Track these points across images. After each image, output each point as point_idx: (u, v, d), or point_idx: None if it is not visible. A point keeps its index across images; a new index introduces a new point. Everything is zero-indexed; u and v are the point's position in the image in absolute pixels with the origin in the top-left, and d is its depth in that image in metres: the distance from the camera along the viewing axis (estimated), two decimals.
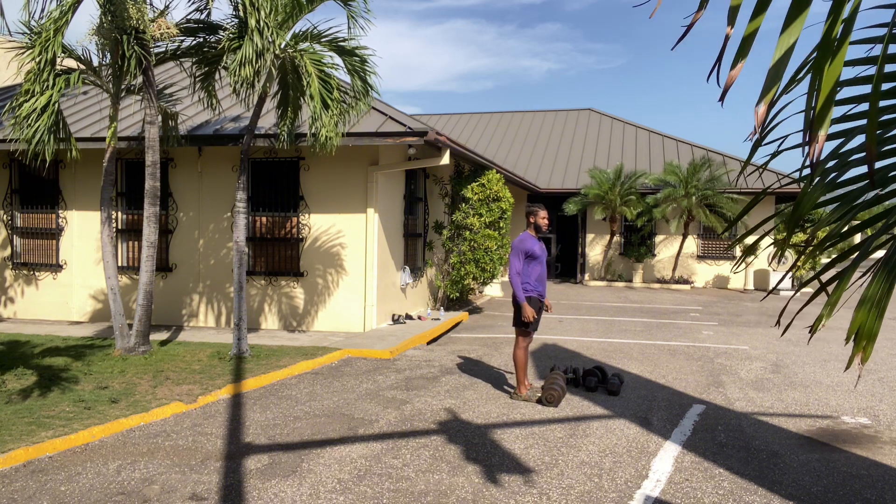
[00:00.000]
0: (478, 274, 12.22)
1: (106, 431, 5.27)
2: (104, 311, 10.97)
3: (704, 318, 12.98)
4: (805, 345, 9.96)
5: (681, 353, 9.25)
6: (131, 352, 8.05)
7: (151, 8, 7.91)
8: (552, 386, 6.39)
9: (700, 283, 20.41)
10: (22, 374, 7.01)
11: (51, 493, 4.12)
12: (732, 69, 1.70)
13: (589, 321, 12.35)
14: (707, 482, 4.49)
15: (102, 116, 10.74)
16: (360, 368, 7.84)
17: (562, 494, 4.24)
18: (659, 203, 18.92)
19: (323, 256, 10.28)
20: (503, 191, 12.50)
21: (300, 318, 10.41)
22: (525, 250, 6.37)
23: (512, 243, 6.52)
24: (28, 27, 7.56)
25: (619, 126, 25.32)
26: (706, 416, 6.10)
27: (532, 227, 6.56)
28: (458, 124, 27.37)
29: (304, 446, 5.08)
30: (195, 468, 4.59)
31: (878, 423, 6.01)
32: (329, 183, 10.22)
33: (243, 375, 7.17)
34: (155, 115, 8.08)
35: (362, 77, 8.26)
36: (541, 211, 6.54)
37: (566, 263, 23.22)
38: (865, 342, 1.98)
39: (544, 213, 6.57)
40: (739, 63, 1.71)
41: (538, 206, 6.60)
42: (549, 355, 8.93)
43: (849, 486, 4.48)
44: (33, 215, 11.46)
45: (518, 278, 6.35)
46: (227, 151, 10.47)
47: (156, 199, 8.15)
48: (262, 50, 7.22)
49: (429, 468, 4.65)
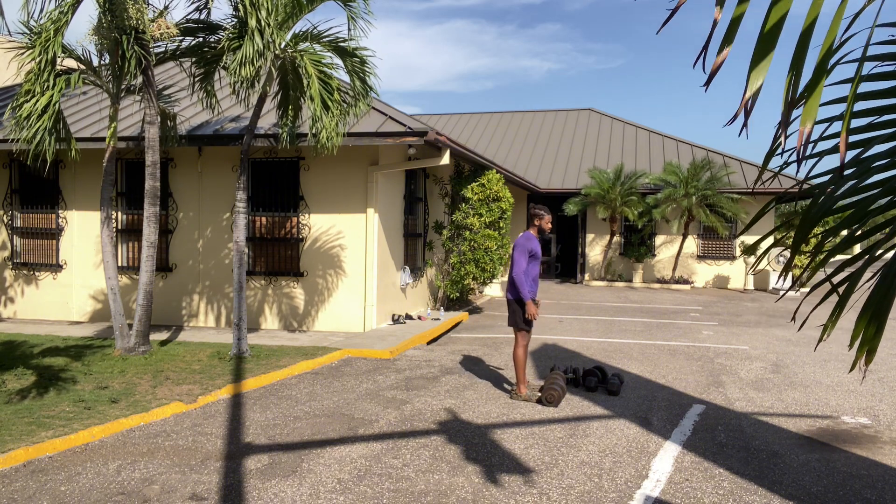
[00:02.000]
0: (478, 274, 12.22)
1: (106, 431, 5.27)
2: (104, 311, 10.97)
3: (704, 318, 12.98)
4: (805, 345, 9.96)
5: (681, 353, 9.25)
6: (131, 352, 8.05)
7: (151, 8, 7.91)
8: (552, 386, 6.40)
9: (700, 283, 20.41)
10: (22, 374, 7.01)
11: (51, 493, 4.12)
12: (719, 54, 1.70)
13: (589, 321, 12.35)
14: (707, 482, 4.49)
15: (102, 116, 10.73)
16: (360, 368, 7.84)
17: (562, 494, 4.24)
18: (659, 203, 18.91)
19: (323, 256, 10.28)
20: (503, 191, 12.50)
21: (300, 318, 10.41)
22: (530, 249, 6.47)
23: (517, 241, 6.58)
24: (27, 27, 7.56)
25: (619, 126, 25.31)
26: (706, 416, 6.10)
27: (536, 228, 6.63)
28: (458, 124, 27.36)
29: (304, 446, 5.08)
30: (195, 468, 4.58)
31: (878, 423, 6.01)
32: (329, 183, 10.22)
33: (243, 375, 7.17)
34: (155, 115, 8.08)
35: (362, 77, 8.26)
36: (547, 215, 6.69)
37: (566, 263, 23.20)
38: (867, 349, 1.98)
39: (549, 218, 6.74)
40: (725, 49, 1.71)
41: (544, 209, 6.69)
42: (549, 355, 8.93)
43: (849, 486, 4.48)
44: (33, 215, 11.46)
45: (524, 277, 6.40)
46: (227, 151, 10.47)
47: (156, 199, 8.14)
48: (262, 50, 7.22)
49: (429, 468, 4.65)
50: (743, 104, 1.70)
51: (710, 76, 1.72)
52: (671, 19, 1.80)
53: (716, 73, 1.70)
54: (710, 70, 1.71)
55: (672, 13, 1.78)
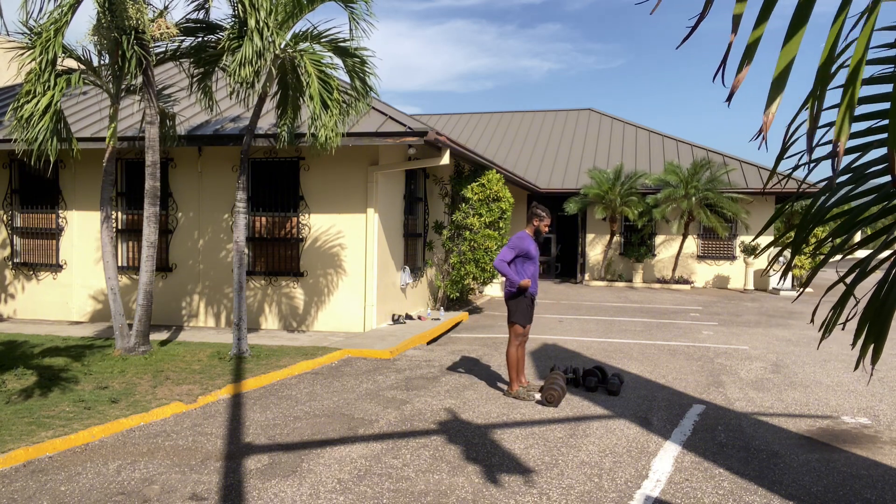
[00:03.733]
0: (478, 274, 12.22)
1: (106, 431, 5.27)
2: (104, 311, 10.97)
3: (704, 318, 12.98)
4: (805, 345, 9.97)
5: (681, 353, 9.25)
6: (131, 352, 8.05)
7: (151, 8, 7.91)
8: (552, 386, 6.40)
9: (700, 283, 20.41)
10: (22, 374, 7.01)
11: (51, 493, 4.12)
12: (739, 73, 1.72)
13: (589, 321, 12.35)
14: (707, 482, 4.49)
15: (102, 116, 10.73)
16: (360, 368, 7.84)
17: (562, 494, 4.24)
18: (659, 203, 18.91)
19: (323, 256, 10.28)
20: (503, 191, 12.50)
21: (300, 318, 10.41)
22: (522, 249, 6.54)
23: (511, 239, 6.67)
24: (27, 27, 7.56)
25: (619, 126, 25.31)
26: (706, 416, 6.10)
27: (532, 228, 6.66)
28: (458, 124, 27.36)
29: (304, 446, 5.08)
30: (195, 468, 4.58)
31: (878, 423, 6.01)
32: (329, 183, 10.22)
33: (243, 375, 7.17)
34: (155, 115, 8.08)
35: (362, 77, 8.26)
36: (547, 218, 6.73)
37: (566, 263, 23.19)
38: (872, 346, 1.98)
39: (549, 221, 6.78)
40: (745, 67, 1.72)
41: (546, 211, 6.74)
42: (549, 355, 8.92)
43: (849, 486, 4.48)
44: (33, 215, 11.46)
45: (507, 266, 6.49)
46: (227, 151, 10.47)
47: (156, 199, 8.14)
48: (261, 50, 7.21)
49: (429, 468, 4.65)
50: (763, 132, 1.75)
51: (731, 92, 1.76)
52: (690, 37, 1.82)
53: (736, 90, 1.73)
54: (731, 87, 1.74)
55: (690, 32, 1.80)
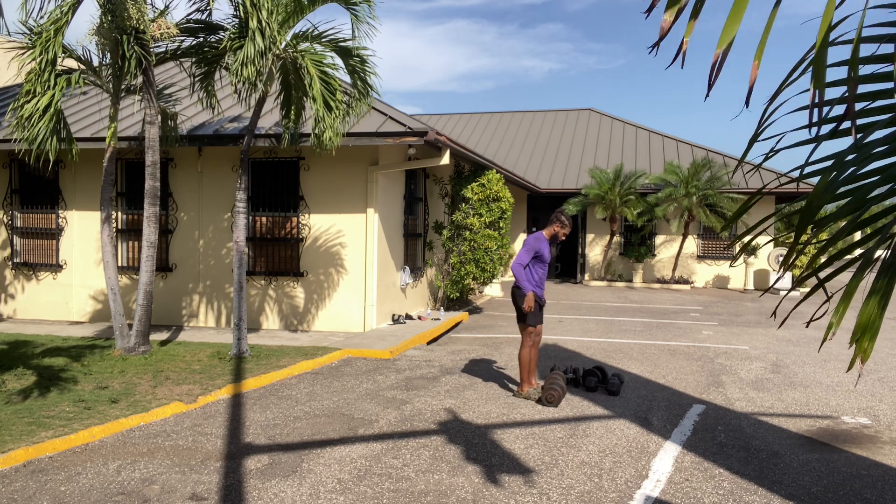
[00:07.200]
0: (478, 274, 12.22)
1: (106, 431, 5.27)
2: (104, 311, 10.97)
3: (704, 318, 12.98)
4: (805, 345, 9.97)
5: (681, 353, 9.25)
6: (131, 352, 8.05)
7: (151, 8, 7.91)
8: (552, 386, 6.40)
9: (700, 283, 20.41)
10: (22, 374, 7.01)
11: (51, 493, 4.12)
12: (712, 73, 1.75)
13: (589, 321, 12.35)
14: (707, 482, 4.50)
15: (102, 116, 10.73)
16: (360, 368, 7.84)
17: (562, 494, 4.24)
18: (659, 203, 18.92)
19: (323, 256, 10.28)
20: (503, 191, 12.50)
21: (300, 318, 10.41)
22: (538, 250, 6.48)
23: (527, 239, 6.59)
24: (27, 27, 7.56)
25: (619, 126, 25.31)
26: (706, 416, 6.10)
27: (550, 232, 6.63)
28: (458, 124, 27.36)
29: (304, 446, 5.08)
30: (195, 468, 4.59)
31: (878, 423, 6.01)
32: (329, 183, 10.22)
33: (243, 375, 7.17)
34: (155, 115, 8.08)
35: (363, 77, 8.27)
36: (568, 227, 6.62)
37: (566, 263, 23.19)
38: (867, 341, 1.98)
39: (569, 231, 6.67)
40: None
41: (569, 220, 6.64)
42: (549, 355, 8.93)
43: (849, 486, 4.48)
44: (33, 215, 11.46)
45: (522, 270, 6.43)
46: (228, 151, 10.47)
47: (156, 199, 8.14)
48: (263, 50, 7.21)
49: (429, 468, 4.66)
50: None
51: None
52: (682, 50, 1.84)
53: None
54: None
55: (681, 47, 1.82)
